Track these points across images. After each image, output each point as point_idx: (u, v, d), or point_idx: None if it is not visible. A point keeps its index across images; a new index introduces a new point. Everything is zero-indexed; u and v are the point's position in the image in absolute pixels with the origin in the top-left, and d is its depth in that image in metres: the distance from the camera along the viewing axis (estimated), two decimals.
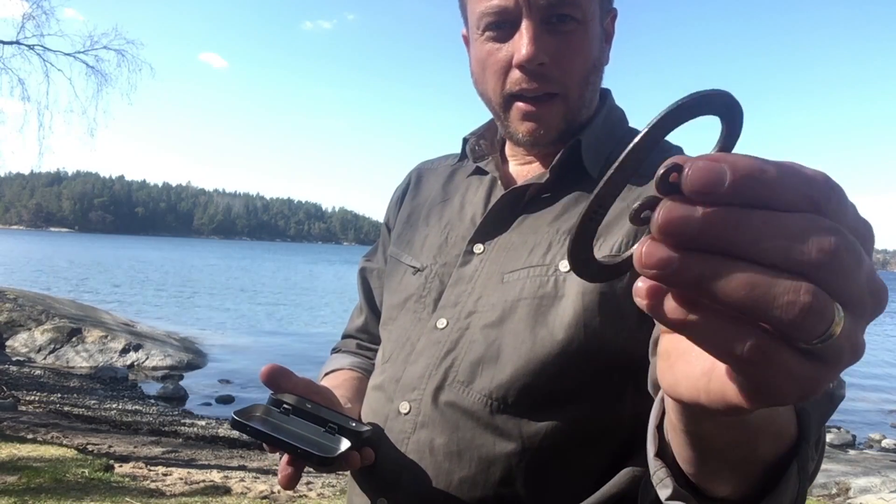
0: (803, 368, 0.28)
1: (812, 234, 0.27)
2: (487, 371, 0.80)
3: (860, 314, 0.28)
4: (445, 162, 1.06)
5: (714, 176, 0.27)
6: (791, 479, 0.45)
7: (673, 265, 0.27)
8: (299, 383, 0.81)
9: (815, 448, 0.50)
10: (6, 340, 10.72)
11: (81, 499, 3.82)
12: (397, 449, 0.83)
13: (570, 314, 0.77)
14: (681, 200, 0.27)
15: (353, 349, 1.11)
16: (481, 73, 0.87)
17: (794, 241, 0.27)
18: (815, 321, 0.27)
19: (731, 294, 0.27)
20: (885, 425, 9.63)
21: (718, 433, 0.42)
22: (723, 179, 0.27)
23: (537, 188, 0.88)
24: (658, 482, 0.49)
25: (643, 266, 0.28)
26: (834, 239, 0.27)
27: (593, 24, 0.83)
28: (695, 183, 0.27)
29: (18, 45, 12.36)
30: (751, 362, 0.28)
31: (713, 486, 0.47)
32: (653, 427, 0.52)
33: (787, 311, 0.26)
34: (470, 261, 0.88)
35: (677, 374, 0.34)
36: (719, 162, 0.27)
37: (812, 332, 0.27)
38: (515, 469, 0.78)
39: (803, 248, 0.27)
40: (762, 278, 0.26)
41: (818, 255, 0.27)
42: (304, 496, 4.55)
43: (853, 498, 5.62)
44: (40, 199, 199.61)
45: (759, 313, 0.27)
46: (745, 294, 0.27)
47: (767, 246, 0.27)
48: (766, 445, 0.45)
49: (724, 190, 0.27)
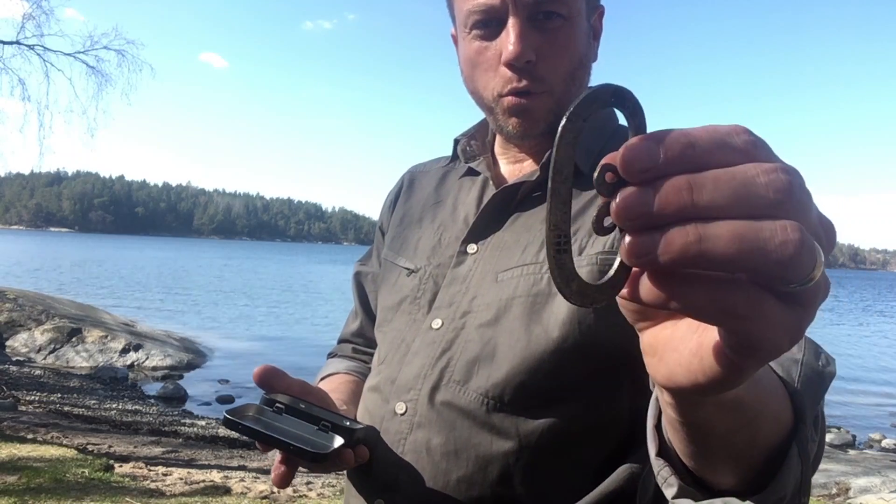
0: (788, 315, 0.29)
1: (764, 176, 0.27)
2: (483, 370, 0.80)
3: (823, 247, 0.29)
4: (437, 164, 1.07)
5: (645, 151, 0.28)
6: (792, 460, 0.46)
7: (656, 245, 0.28)
8: (293, 384, 0.81)
9: (815, 429, 0.50)
10: (6, 340, 10.72)
11: (81, 499, 3.82)
12: (394, 450, 0.83)
13: (565, 311, 0.77)
14: (627, 189, 0.28)
15: (348, 353, 1.11)
16: (470, 71, 0.87)
17: (753, 187, 0.27)
18: (808, 257, 0.27)
19: (724, 251, 0.27)
20: (885, 425, 9.63)
21: (717, 419, 0.42)
22: (655, 151, 0.28)
23: (529, 186, 0.88)
24: (662, 481, 0.49)
25: (631, 258, 0.29)
26: (784, 175, 0.28)
27: (580, 21, 0.84)
28: (632, 163, 0.28)
29: (18, 45, 12.38)
30: (743, 317, 0.28)
31: (717, 478, 0.47)
32: (651, 426, 0.52)
33: (782, 252, 0.26)
34: (464, 261, 0.89)
35: (670, 364, 0.35)
36: (643, 140, 0.29)
37: (804, 270, 0.27)
38: (513, 467, 0.78)
39: (765, 189, 0.27)
40: (747, 227, 0.27)
41: (780, 194, 0.27)
42: (303, 496, 4.55)
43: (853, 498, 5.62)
44: (40, 199, 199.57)
45: (754, 262, 0.27)
46: (738, 247, 0.27)
47: (731, 197, 0.27)
48: (765, 429, 0.45)
49: (662, 160, 0.28)
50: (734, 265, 0.27)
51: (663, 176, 0.28)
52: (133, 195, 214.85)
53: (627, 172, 0.28)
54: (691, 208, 0.27)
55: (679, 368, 0.34)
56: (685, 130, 0.29)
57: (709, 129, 0.29)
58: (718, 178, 0.27)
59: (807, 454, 0.47)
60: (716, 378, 0.32)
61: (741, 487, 0.47)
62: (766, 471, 0.46)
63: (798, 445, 0.46)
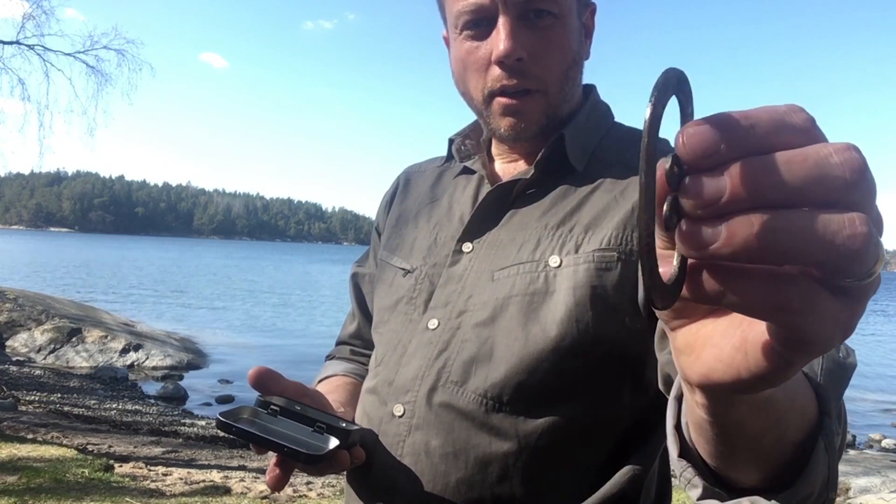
0: (841, 309, 0.28)
1: (838, 155, 0.26)
2: (481, 370, 0.79)
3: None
4: (433, 164, 1.06)
5: (706, 134, 0.26)
6: (819, 455, 0.45)
7: (717, 236, 0.26)
8: (289, 386, 0.80)
9: (839, 422, 0.49)
10: (6, 340, 10.72)
11: (81, 499, 3.81)
12: (393, 452, 0.82)
13: (562, 310, 0.77)
14: (697, 177, 0.27)
15: (346, 355, 1.11)
16: (462, 72, 0.87)
17: (828, 167, 0.25)
18: (872, 252, 0.26)
19: (790, 245, 0.25)
20: (885, 425, 9.62)
21: (750, 419, 0.41)
22: (716, 135, 0.26)
23: (524, 184, 0.87)
24: (686, 482, 0.48)
25: (690, 249, 0.27)
26: (857, 154, 0.26)
27: (571, 19, 0.83)
28: (693, 148, 0.27)
29: (18, 45, 12.37)
30: (797, 312, 0.27)
31: (742, 477, 0.47)
32: (671, 427, 0.51)
33: (850, 246, 0.25)
34: (459, 260, 0.88)
35: (709, 361, 0.33)
36: (701, 123, 0.27)
37: (867, 265, 0.26)
38: (512, 468, 0.77)
39: (840, 170, 0.25)
40: (816, 219, 0.25)
41: (856, 174, 0.25)
42: (303, 496, 4.55)
43: (853, 498, 5.62)
44: (40, 199, 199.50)
45: (821, 256, 0.25)
46: (805, 240, 0.25)
47: (806, 179, 0.25)
48: (793, 426, 0.44)
49: (725, 144, 0.26)
50: (799, 259, 0.26)
51: (728, 161, 0.26)
52: (133, 195, 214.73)
53: (689, 158, 0.27)
54: (761, 195, 0.26)
55: (720, 364, 0.32)
56: (743, 112, 0.27)
57: (766, 109, 0.27)
58: (791, 161, 0.26)
59: (834, 448, 0.46)
60: (760, 374, 0.31)
61: (765, 485, 0.46)
62: (792, 467, 0.45)
63: (824, 440, 0.45)
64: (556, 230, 0.82)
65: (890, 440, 8.63)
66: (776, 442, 0.44)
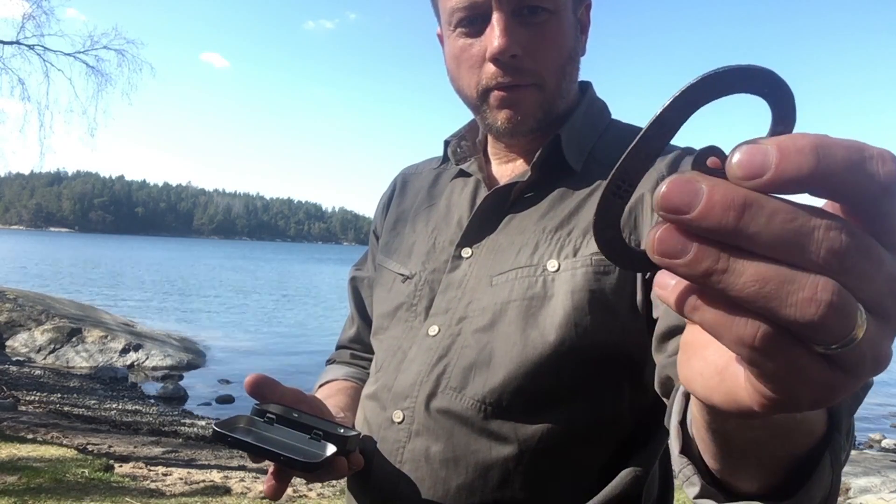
0: (821, 373, 0.26)
1: (824, 231, 0.25)
2: (479, 376, 0.79)
3: (885, 318, 0.26)
4: (429, 165, 1.05)
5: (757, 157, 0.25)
6: (825, 470, 0.43)
7: (684, 252, 0.26)
8: (286, 393, 0.79)
9: (847, 438, 0.47)
10: (6, 340, 10.72)
11: (81, 499, 3.81)
12: (393, 459, 0.82)
13: (561, 314, 0.76)
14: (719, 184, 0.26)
15: (347, 360, 1.10)
16: (456, 69, 0.86)
17: (804, 238, 0.25)
18: (836, 322, 0.25)
19: (741, 290, 0.25)
20: (885, 425, 9.62)
21: (743, 433, 0.40)
22: (767, 159, 0.25)
23: (522, 187, 0.87)
24: (684, 480, 0.47)
25: (654, 253, 0.27)
26: (846, 238, 0.25)
27: (566, 15, 0.82)
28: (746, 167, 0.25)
29: (18, 45, 12.40)
30: (762, 355, 0.26)
31: (741, 483, 0.45)
32: (675, 423, 0.50)
33: (803, 310, 0.24)
34: (459, 266, 0.87)
35: (693, 369, 0.32)
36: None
37: (833, 334, 0.25)
38: (513, 473, 0.77)
39: (816, 246, 0.25)
40: (773, 272, 0.25)
41: (830, 256, 0.25)
42: (303, 496, 4.55)
43: (853, 498, 5.62)
44: (40, 199, 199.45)
45: (771, 313, 0.25)
46: (756, 291, 0.25)
47: (775, 239, 0.25)
48: (799, 439, 0.42)
49: (768, 176, 0.25)
50: (753, 308, 0.25)
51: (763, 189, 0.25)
52: (133, 195, 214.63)
53: (737, 170, 0.25)
54: (733, 232, 0.25)
55: (699, 378, 0.31)
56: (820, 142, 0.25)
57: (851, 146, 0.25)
58: (776, 213, 0.25)
59: (840, 464, 0.44)
60: (729, 406, 0.30)
61: (765, 493, 0.45)
62: (794, 477, 0.43)
63: (831, 455, 0.43)
64: (553, 234, 0.82)
65: (890, 440, 8.63)
66: (778, 454, 0.42)
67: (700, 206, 0.25)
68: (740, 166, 0.25)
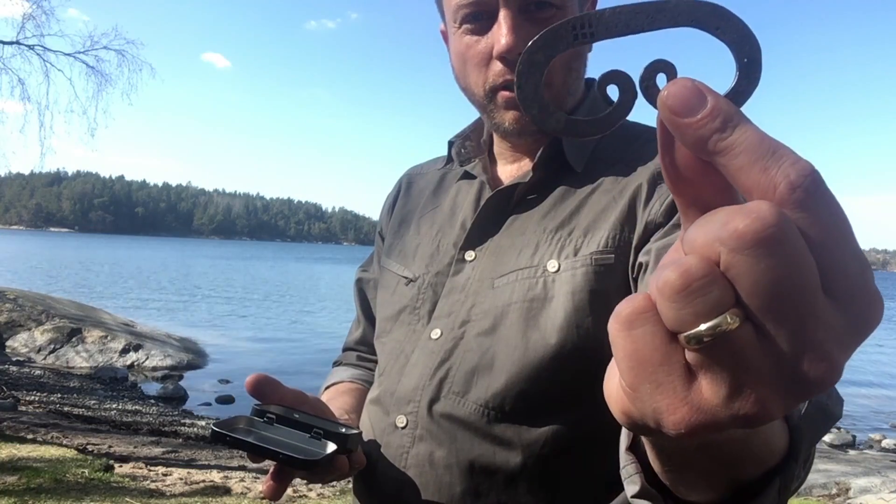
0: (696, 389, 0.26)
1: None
2: (482, 380, 0.78)
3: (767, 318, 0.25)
4: (434, 166, 1.04)
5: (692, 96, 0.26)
6: (770, 497, 0.40)
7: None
8: (287, 394, 0.78)
9: (803, 466, 0.45)
10: (6, 340, 10.71)
11: (81, 499, 3.81)
12: (397, 464, 0.81)
13: (562, 316, 0.75)
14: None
15: (353, 362, 1.10)
16: (462, 67, 0.85)
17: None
18: (694, 302, 0.24)
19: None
20: (885, 425, 9.62)
21: (681, 451, 0.37)
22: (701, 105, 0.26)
23: (524, 188, 0.86)
24: (627, 477, 0.45)
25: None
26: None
27: (572, 10, 0.81)
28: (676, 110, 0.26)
29: (18, 45, 12.37)
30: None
31: (682, 493, 0.42)
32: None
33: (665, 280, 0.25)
34: (462, 269, 0.86)
35: (609, 384, 0.30)
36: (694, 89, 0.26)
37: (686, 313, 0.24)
38: (518, 478, 0.76)
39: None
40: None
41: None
42: (304, 496, 4.55)
43: (853, 498, 5.62)
44: (40, 199, 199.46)
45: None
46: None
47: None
48: (747, 468, 0.39)
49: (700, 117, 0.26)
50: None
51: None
52: (133, 195, 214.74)
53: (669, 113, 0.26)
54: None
55: (612, 391, 0.29)
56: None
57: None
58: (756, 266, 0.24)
59: (788, 491, 0.41)
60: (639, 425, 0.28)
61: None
62: (743, 492, 0.40)
63: (781, 481, 0.40)
64: (554, 234, 0.81)
65: (890, 440, 8.63)
66: (725, 476, 0.39)
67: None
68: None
